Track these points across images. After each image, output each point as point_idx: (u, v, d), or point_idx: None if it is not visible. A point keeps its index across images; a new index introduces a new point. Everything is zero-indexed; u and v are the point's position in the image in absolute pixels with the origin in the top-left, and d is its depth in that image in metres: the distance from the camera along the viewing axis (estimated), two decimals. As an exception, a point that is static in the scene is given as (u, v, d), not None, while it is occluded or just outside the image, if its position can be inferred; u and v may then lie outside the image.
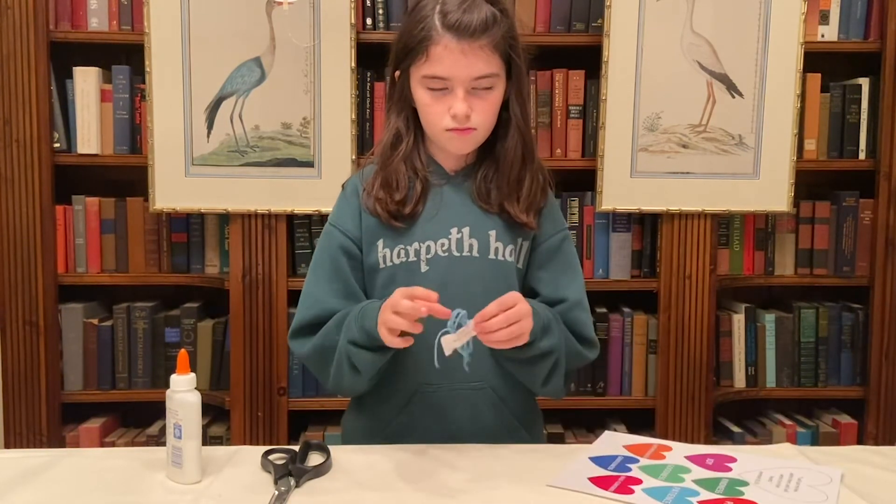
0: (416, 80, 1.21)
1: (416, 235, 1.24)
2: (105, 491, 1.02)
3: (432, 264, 1.23)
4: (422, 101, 1.21)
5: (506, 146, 1.25)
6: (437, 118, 1.19)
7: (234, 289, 2.08)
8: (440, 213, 1.24)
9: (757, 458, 1.14)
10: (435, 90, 1.19)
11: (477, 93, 1.19)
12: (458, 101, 1.17)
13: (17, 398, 2.10)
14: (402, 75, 1.24)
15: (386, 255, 1.24)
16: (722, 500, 1.00)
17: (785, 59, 2.05)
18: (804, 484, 1.05)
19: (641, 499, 1.00)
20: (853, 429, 2.23)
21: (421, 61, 1.18)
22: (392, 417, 1.25)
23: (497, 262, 1.25)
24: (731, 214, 2.15)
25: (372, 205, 1.24)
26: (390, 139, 1.26)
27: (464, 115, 1.17)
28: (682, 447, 1.19)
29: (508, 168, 1.24)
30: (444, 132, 1.20)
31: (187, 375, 1.04)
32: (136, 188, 2.12)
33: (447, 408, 1.23)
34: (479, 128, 1.20)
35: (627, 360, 2.18)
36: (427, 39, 1.16)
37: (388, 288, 1.23)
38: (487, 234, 1.25)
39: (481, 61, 1.17)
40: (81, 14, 2.08)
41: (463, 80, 1.17)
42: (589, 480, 1.05)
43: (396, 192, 1.22)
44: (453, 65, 1.16)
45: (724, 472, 1.09)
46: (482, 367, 1.24)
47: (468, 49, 1.16)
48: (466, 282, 1.23)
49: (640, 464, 1.12)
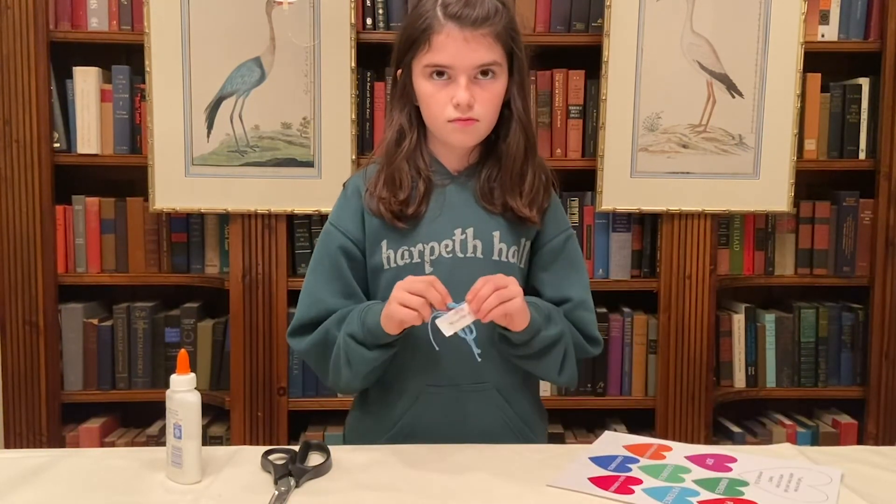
0: (418, 72, 1.20)
1: (421, 236, 1.23)
2: (105, 491, 1.01)
3: (436, 265, 1.23)
4: (424, 92, 1.20)
5: (508, 141, 1.24)
6: (440, 108, 1.19)
7: (234, 289, 2.08)
8: (444, 213, 1.24)
9: (757, 459, 1.14)
10: (437, 80, 1.18)
11: (479, 82, 1.18)
12: (461, 88, 1.16)
13: (17, 398, 2.10)
14: (405, 71, 1.23)
15: (390, 256, 1.24)
16: (722, 500, 1.00)
17: (785, 59, 2.05)
18: (804, 484, 1.05)
19: (641, 499, 1.00)
20: (853, 429, 2.23)
21: (423, 51, 1.18)
22: (397, 418, 1.25)
23: (501, 264, 1.25)
24: (731, 214, 2.15)
25: (375, 205, 1.23)
26: (394, 136, 1.25)
27: (466, 104, 1.16)
28: (682, 447, 1.19)
29: (511, 162, 1.24)
30: (446, 124, 1.19)
31: (187, 375, 1.04)
32: (136, 188, 2.12)
33: (452, 409, 1.23)
34: (482, 119, 1.20)
35: (627, 360, 2.18)
36: (429, 29, 1.17)
37: (392, 288, 1.24)
38: (491, 235, 1.25)
39: (483, 49, 1.17)
40: (81, 14, 2.08)
41: (465, 68, 1.16)
42: (589, 480, 1.05)
43: (400, 192, 1.22)
44: (456, 52, 1.16)
45: (724, 472, 1.09)
46: (487, 368, 1.24)
47: (471, 37, 1.16)
48: (470, 283, 1.22)
49: (640, 464, 1.12)
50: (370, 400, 1.29)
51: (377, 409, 1.28)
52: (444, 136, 1.22)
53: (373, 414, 1.29)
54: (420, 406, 1.24)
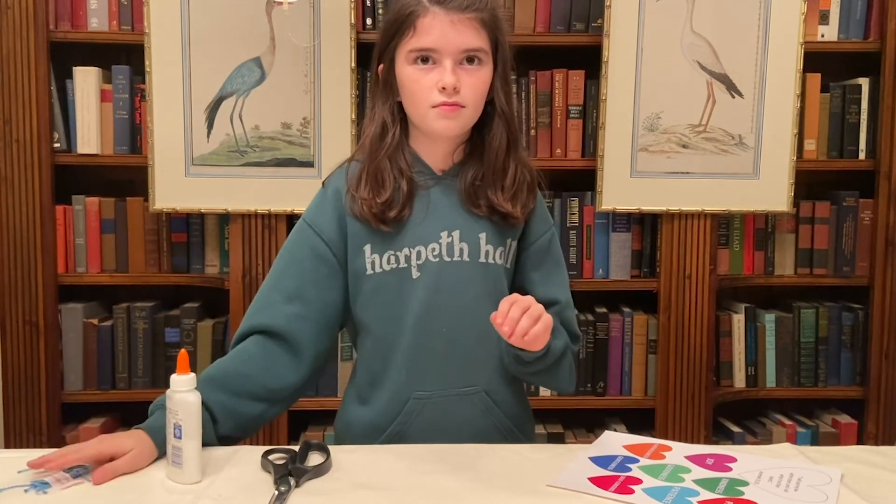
0: (402, 59, 1.18)
1: (406, 241, 1.21)
2: (105, 491, 1.01)
3: (424, 270, 1.21)
4: (408, 78, 1.17)
5: (491, 134, 1.22)
6: (425, 94, 1.16)
7: (234, 289, 2.08)
8: (429, 216, 1.22)
9: (757, 459, 1.14)
10: (422, 66, 1.16)
11: (465, 68, 1.16)
12: (447, 72, 1.14)
13: (17, 398, 2.10)
14: (387, 63, 1.21)
15: (375, 260, 1.21)
16: (722, 500, 1.00)
17: (785, 59, 2.05)
18: (804, 484, 1.05)
19: (641, 499, 1.00)
20: (853, 429, 2.23)
21: (408, 36, 1.16)
22: (386, 427, 1.23)
23: (488, 266, 1.23)
24: (730, 214, 2.15)
25: (358, 207, 1.20)
26: (377, 130, 1.22)
27: (452, 87, 1.14)
28: (681, 447, 1.19)
29: (494, 156, 1.22)
30: (430, 109, 1.16)
31: (187, 375, 1.04)
32: (136, 188, 2.12)
33: (441, 414, 1.22)
34: (468, 106, 1.17)
35: (627, 360, 2.19)
36: (414, 14, 1.15)
37: (378, 294, 1.22)
38: (478, 237, 1.23)
39: (470, 32, 1.15)
40: (81, 14, 2.08)
41: (452, 51, 1.15)
42: (589, 480, 1.05)
43: (383, 192, 1.19)
44: (442, 36, 1.14)
45: (724, 472, 1.09)
46: (475, 372, 1.24)
47: (457, 20, 1.15)
48: (458, 286, 1.22)
49: (640, 464, 1.12)
50: (359, 409, 1.27)
51: (367, 419, 1.25)
52: (428, 123, 1.18)
53: (364, 421, 1.26)
54: (408, 414, 1.22)
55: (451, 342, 1.22)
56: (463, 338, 1.22)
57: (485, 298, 1.22)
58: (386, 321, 1.23)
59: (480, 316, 1.16)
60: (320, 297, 1.23)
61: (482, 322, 1.13)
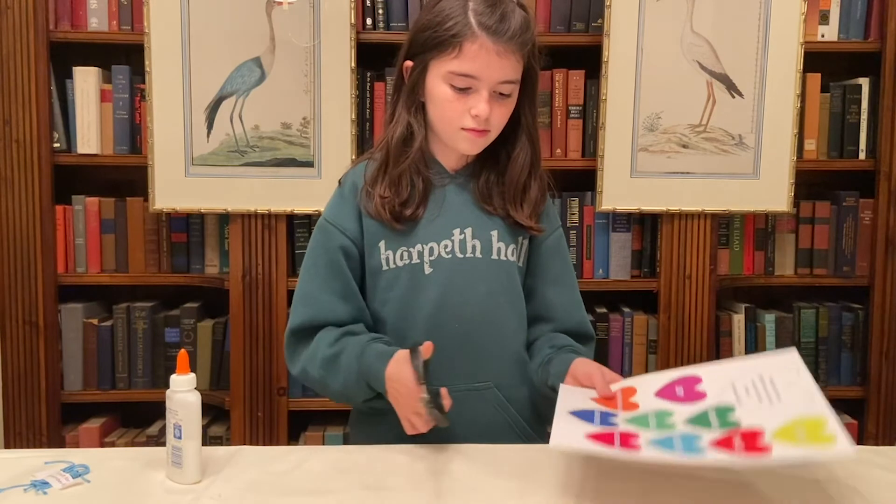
0: (437, 74, 1.19)
1: (419, 237, 1.23)
2: (105, 491, 1.01)
3: (436, 266, 1.23)
4: (441, 97, 1.19)
5: (515, 153, 1.25)
6: (457, 116, 1.19)
7: (234, 289, 2.08)
8: (442, 214, 1.24)
9: (714, 369, 1.13)
10: (458, 88, 1.18)
11: (497, 97, 1.19)
12: (483, 101, 1.17)
13: (17, 398, 2.10)
14: (418, 67, 1.21)
15: (389, 256, 1.24)
16: (729, 437, 0.97)
17: (785, 59, 2.05)
18: (779, 383, 1.04)
19: (652, 453, 0.95)
20: (853, 429, 2.23)
21: (450, 56, 1.17)
22: (396, 425, 1.22)
23: (500, 262, 1.25)
24: (730, 214, 2.15)
25: (374, 206, 1.22)
26: (402, 134, 1.24)
27: (485, 118, 1.17)
28: (642, 384, 1.15)
29: (517, 175, 1.25)
30: (459, 131, 1.20)
31: (187, 375, 1.04)
32: (135, 188, 2.12)
33: (453, 409, 1.22)
34: (493, 131, 1.21)
35: (627, 360, 2.18)
36: (461, 35, 1.16)
37: (392, 290, 1.24)
38: (490, 235, 1.25)
39: (511, 66, 1.18)
40: (81, 14, 2.08)
41: (491, 82, 1.17)
42: (588, 438, 1.00)
43: (402, 191, 1.22)
44: (487, 65, 1.16)
45: (701, 400, 1.06)
46: (487, 368, 1.24)
47: (503, 52, 1.16)
48: (470, 283, 1.23)
49: (621, 416, 1.07)
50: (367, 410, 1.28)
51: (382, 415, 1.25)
52: (452, 141, 1.22)
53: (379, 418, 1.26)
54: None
55: (464, 338, 1.23)
56: (475, 333, 1.23)
57: (497, 295, 1.23)
58: (399, 316, 1.24)
59: (492, 312, 1.20)
60: (359, 292, 1.27)
61: (494, 318, 1.16)
